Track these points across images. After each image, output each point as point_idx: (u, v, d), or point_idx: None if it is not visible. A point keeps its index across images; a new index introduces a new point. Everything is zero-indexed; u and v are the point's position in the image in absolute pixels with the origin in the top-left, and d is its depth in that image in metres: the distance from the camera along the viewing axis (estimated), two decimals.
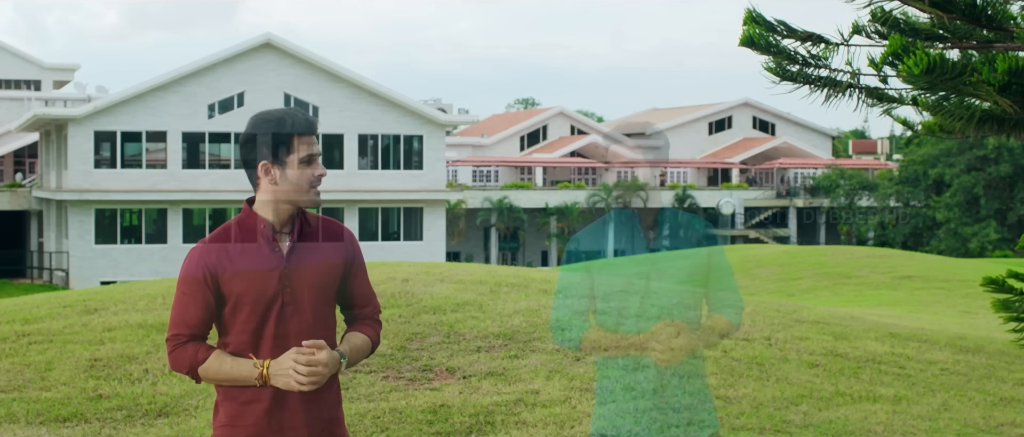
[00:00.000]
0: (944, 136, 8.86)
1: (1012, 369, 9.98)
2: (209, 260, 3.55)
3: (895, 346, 10.45)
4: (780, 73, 7.26)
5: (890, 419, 7.84)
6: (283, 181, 3.55)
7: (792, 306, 12.68)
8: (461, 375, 8.48)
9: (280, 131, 3.55)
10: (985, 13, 6.93)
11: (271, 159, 3.55)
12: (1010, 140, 10.28)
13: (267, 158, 3.55)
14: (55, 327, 9.71)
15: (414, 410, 7.57)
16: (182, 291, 3.58)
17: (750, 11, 7.16)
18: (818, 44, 7.10)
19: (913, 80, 6.34)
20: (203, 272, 3.54)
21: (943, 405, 8.41)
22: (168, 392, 7.93)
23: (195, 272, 3.55)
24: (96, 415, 7.49)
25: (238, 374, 3.53)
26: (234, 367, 3.53)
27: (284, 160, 3.55)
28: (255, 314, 3.56)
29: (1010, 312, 9.90)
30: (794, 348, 9.84)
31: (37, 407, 7.61)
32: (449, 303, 10.47)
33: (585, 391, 8.08)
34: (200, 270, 3.54)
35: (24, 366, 8.58)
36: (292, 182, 3.56)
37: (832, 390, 8.55)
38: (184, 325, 3.56)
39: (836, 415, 7.86)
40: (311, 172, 3.58)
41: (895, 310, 18.43)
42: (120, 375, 8.33)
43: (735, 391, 8.29)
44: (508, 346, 9.20)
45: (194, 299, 3.55)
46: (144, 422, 7.38)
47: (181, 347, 3.56)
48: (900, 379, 9.16)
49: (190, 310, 3.56)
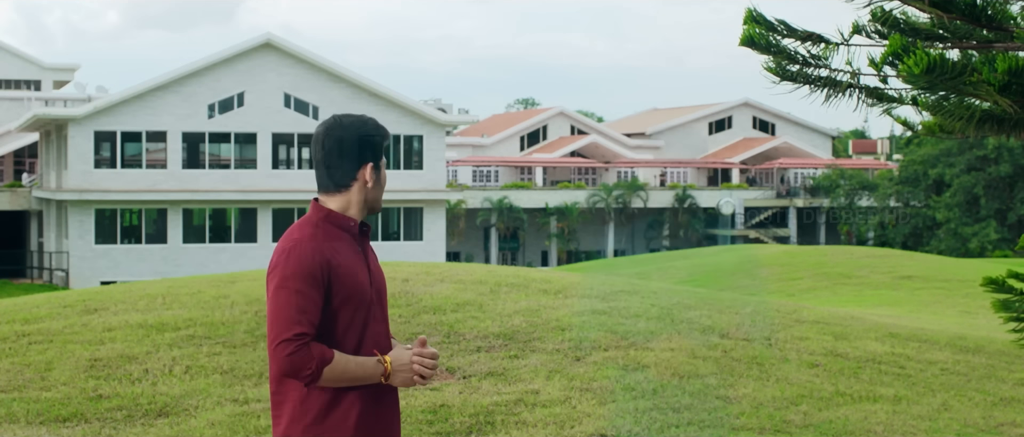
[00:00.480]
0: (944, 136, 8.86)
1: (1012, 369, 9.99)
2: (324, 256, 3.46)
3: (895, 346, 10.45)
4: (780, 73, 7.26)
5: (890, 419, 7.84)
6: (374, 185, 3.60)
7: (792, 306, 12.68)
8: (461, 375, 8.48)
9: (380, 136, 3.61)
10: (985, 13, 6.93)
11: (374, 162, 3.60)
12: (1010, 140, 10.24)
13: (370, 160, 3.59)
14: (55, 327, 9.71)
15: (414, 410, 7.57)
16: (296, 288, 3.41)
17: (750, 11, 7.16)
18: (818, 44, 7.11)
19: (913, 80, 6.34)
20: (320, 268, 3.44)
21: (943, 405, 8.41)
22: (168, 392, 7.93)
23: (312, 268, 3.43)
24: (96, 415, 7.49)
25: (363, 372, 3.47)
26: (359, 365, 3.47)
27: (379, 164, 3.62)
28: (359, 315, 3.52)
29: (1010, 312, 9.89)
30: (794, 348, 9.84)
31: (37, 407, 7.61)
32: (449, 303, 10.48)
33: (585, 391, 8.08)
34: (317, 266, 3.43)
35: (24, 366, 8.58)
36: (380, 186, 3.63)
37: (832, 390, 8.55)
38: (308, 324, 3.40)
39: (836, 415, 7.86)
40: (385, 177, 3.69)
41: (895, 310, 18.43)
42: (120, 375, 8.33)
43: (735, 391, 8.29)
44: (508, 346, 9.20)
45: (311, 297, 3.41)
46: (144, 422, 7.38)
47: (305, 347, 3.39)
48: (900, 379, 9.16)
49: (310, 308, 3.41)
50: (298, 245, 3.45)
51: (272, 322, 3.41)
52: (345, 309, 3.48)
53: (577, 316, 10.24)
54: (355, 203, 3.59)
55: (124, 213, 46.29)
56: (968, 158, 60.35)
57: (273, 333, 3.40)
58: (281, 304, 3.40)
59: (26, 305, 11.01)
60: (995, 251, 54.73)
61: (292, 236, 3.50)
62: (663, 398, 8.01)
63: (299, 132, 48.01)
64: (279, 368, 3.40)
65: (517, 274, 12.58)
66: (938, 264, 27.55)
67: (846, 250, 31.82)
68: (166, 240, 46.13)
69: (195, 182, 46.54)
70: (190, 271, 43.29)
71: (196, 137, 47.00)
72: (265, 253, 46.21)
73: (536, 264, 63.95)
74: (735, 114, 76.15)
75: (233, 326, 9.58)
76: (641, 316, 10.50)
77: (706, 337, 9.87)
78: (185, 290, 11.18)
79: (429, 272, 12.19)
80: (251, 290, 10.96)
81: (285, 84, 47.60)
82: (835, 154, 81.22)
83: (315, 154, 3.61)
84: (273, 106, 47.58)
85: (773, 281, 26.28)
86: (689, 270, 30.14)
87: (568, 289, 11.67)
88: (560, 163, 69.04)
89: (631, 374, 8.55)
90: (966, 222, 59.41)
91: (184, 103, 46.38)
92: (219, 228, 47.69)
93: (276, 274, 3.45)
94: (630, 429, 7.30)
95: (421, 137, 49.54)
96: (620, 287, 12.36)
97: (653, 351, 9.22)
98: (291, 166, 48.68)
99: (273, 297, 3.43)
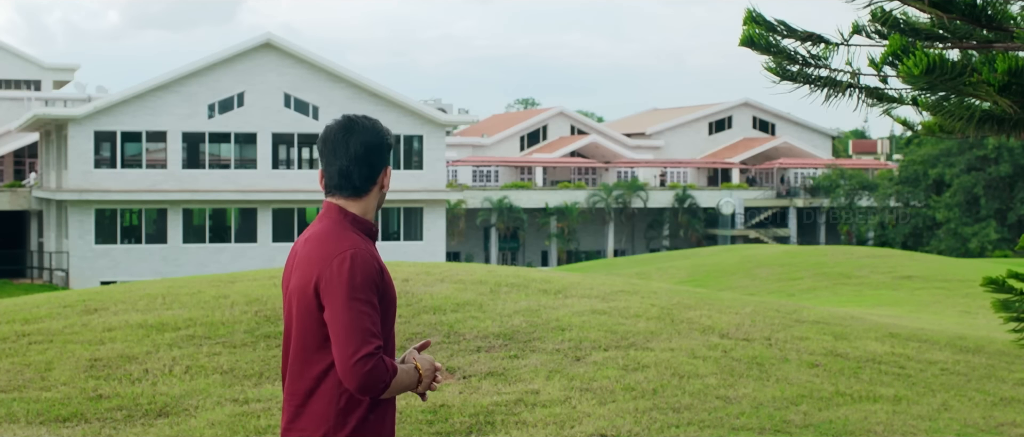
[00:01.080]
0: (944, 136, 8.86)
1: (1012, 369, 9.98)
2: (379, 263, 3.46)
3: (895, 346, 10.45)
4: (780, 73, 7.27)
5: (890, 419, 7.84)
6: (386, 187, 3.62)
7: (792, 306, 12.68)
8: (461, 375, 8.48)
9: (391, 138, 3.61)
10: (985, 13, 6.94)
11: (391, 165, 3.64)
12: (1010, 140, 10.27)
13: (388, 164, 3.59)
14: (55, 327, 9.71)
15: (414, 410, 7.57)
16: (366, 298, 3.36)
17: (750, 11, 7.16)
18: (818, 44, 7.11)
19: (913, 80, 6.34)
20: (379, 275, 3.44)
21: (943, 405, 8.41)
22: (168, 392, 7.93)
23: (374, 277, 3.41)
24: (96, 415, 7.49)
25: (408, 380, 3.50)
26: (407, 373, 3.49)
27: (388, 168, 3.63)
28: (395, 320, 3.55)
29: (1010, 312, 9.90)
30: (794, 348, 9.84)
31: (37, 407, 7.61)
32: (449, 303, 10.47)
33: (585, 391, 8.08)
34: (376, 274, 3.42)
35: (24, 366, 8.58)
36: (387, 189, 3.64)
37: (832, 390, 8.55)
38: (381, 336, 3.39)
39: (836, 415, 7.86)
40: None
41: (895, 310, 18.43)
42: (120, 375, 8.32)
43: (735, 391, 8.29)
44: (508, 346, 9.20)
45: (376, 305, 3.40)
46: (144, 422, 7.38)
47: (382, 361, 3.35)
48: (900, 379, 9.16)
49: (378, 318, 3.39)
50: (359, 254, 3.40)
51: (347, 336, 3.31)
52: (388, 317, 3.50)
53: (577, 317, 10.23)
54: (373, 207, 3.59)
55: (124, 213, 46.29)
56: (968, 158, 60.34)
57: (351, 348, 3.30)
58: (356, 315, 3.33)
59: (26, 305, 11.00)
60: (995, 251, 54.73)
61: (343, 244, 3.42)
62: (663, 398, 8.01)
63: (299, 132, 48.00)
64: (358, 383, 3.31)
65: (517, 274, 12.57)
66: (938, 264, 27.56)
67: (846, 250, 31.81)
68: (166, 240, 46.12)
69: (195, 182, 46.54)
70: (190, 271, 43.29)
71: (196, 137, 47.00)
72: (265, 253, 46.23)
73: (536, 264, 63.96)
74: (735, 114, 76.15)
75: (233, 326, 9.58)
76: (641, 316, 10.49)
77: (706, 337, 9.87)
78: (185, 290, 11.18)
79: (429, 272, 12.19)
80: (251, 290, 10.96)
81: (285, 84, 47.60)
82: (835, 154, 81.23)
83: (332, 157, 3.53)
84: (273, 106, 47.58)
85: (773, 281, 26.29)
86: (689, 270, 30.14)
87: (568, 289, 11.67)
88: (560, 163, 69.04)
89: (631, 374, 8.55)
90: (966, 222, 59.40)
91: (184, 103, 46.38)
92: (219, 228, 47.68)
93: (341, 285, 3.35)
94: (630, 429, 7.30)
95: (421, 137, 49.54)
96: (620, 287, 12.36)
97: (653, 351, 9.22)
98: (291, 166, 48.68)
99: (346, 308, 3.33)
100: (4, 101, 57.63)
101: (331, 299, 3.36)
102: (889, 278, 24.72)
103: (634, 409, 7.71)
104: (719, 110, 75.86)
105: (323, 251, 3.41)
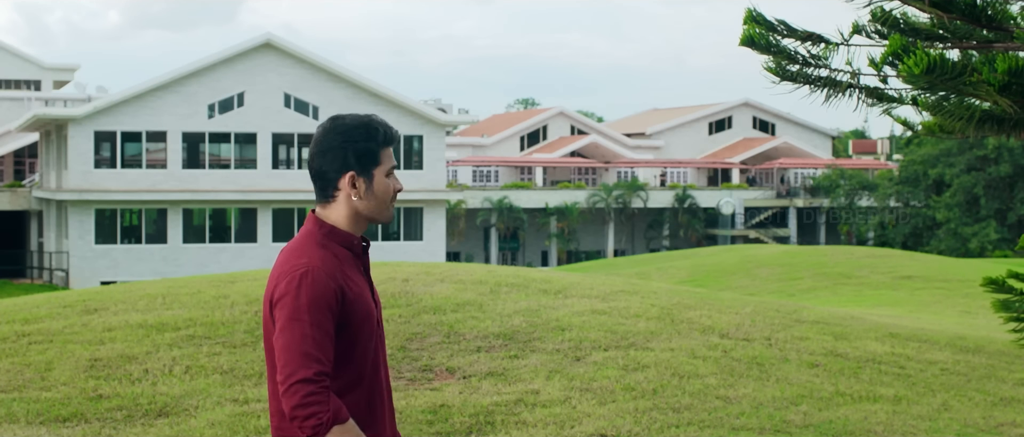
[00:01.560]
0: (944, 136, 8.86)
1: (1012, 369, 9.98)
2: (338, 283, 3.15)
3: (895, 346, 10.45)
4: (780, 73, 7.27)
5: (890, 419, 7.84)
6: (367, 195, 3.27)
7: (792, 306, 12.68)
8: (461, 375, 8.48)
9: (370, 140, 3.26)
10: (985, 13, 6.94)
11: (357, 170, 3.25)
12: (1010, 140, 10.26)
13: (354, 168, 3.25)
14: (55, 327, 9.71)
15: (414, 410, 7.57)
16: (313, 321, 3.08)
17: (750, 11, 7.17)
18: (818, 44, 7.11)
19: (913, 80, 6.35)
20: (335, 297, 3.13)
21: (943, 405, 8.40)
22: (168, 392, 7.93)
23: (327, 298, 3.12)
24: (96, 415, 7.49)
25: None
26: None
27: (371, 172, 3.27)
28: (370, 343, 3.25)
29: (1010, 312, 9.91)
30: (794, 348, 9.84)
31: (37, 407, 7.61)
32: (449, 303, 10.47)
33: (585, 391, 8.08)
34: (332, 295, 3.13)
35: (24, 366, 8.58)
36: (377, 196, 3.28)
37: (832, 390, 8.55)
38: (327, 362, 3.08)
39: (836, 415, 7.86)
40: (393, 186, 3.32)
41: (895, 310, 18.43)
42: (120, 375, 8.32)
43: (735, 391, 8.29)
44: (508, 346, 9.20)
45: (327, 329, 3.10)
46: (144, 422, 7.38)
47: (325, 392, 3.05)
48: (900, 379, 9.15)
49: (326, 343, 3.09)
50: (311, 272, 3.13)
51: (287, 356, 3.06)
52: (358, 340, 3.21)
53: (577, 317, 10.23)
54: (350, 216, 3.28)
55: (124, 213, 46.28)
56: (968, 158, 60.34)
57: (289, 369, 3.05)
58: (297, 337, 3.07)
59: (26, 305, 11.01)
60: (995, 251, 54.73)
61: (300, 260, 3.18)
62: (663, 398, 8.01)
63: (299, 132, 48.00)
64: (291, 406, 3.04)
65: (517, 274, 12.57)
66: (938, 264, 27.56)
67: (846, 250, 31.82)
68: (166, 240, 46.12)
69: (195, 182, 46.54)
70: (190, 271, 43.29)
71: (196, 137, 46.99)
72: (265, 253, 46.24)
73: (536, 264, 63.97)
74: (735, 114, 76.14)
75: (233, 326, 9.58)
76: (641, 316, 10.49)
77: (706, 337, 9.87)
78: (185, 290, 11.18)
79: (429, 272, 12.19)
80: (251, 290, 10.96)
81: (285, 84, 47.60)
82: (835, 154, 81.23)
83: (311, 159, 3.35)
84: (273, 106, 47.58)
85: (773, 281, 26.29)
86: (689, 270, 30.14)
87: (568, 289, 11.67)
88: (560, 163, 69.05)
89: (631, 374, 8.55)
90: (966, 222, 59.40)
91: (184, 103, 46.38)
92: (219, 228, 47.68)
93: (286, 303, 3.12)
94: (630, 429, 7.30)
95: (421, 137, 49.55)
96: (620, 287, 12.36)
97: (653, 351, 9.22)
98: (291, 166, 48.68)
99: (286, 328, 3.09)
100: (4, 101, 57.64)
101: (278, 317, 3.14)
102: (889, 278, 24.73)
103: (634, 409, 7.71)
104: (719, 110, 75.86)
105: (284, 266, 3.21)
